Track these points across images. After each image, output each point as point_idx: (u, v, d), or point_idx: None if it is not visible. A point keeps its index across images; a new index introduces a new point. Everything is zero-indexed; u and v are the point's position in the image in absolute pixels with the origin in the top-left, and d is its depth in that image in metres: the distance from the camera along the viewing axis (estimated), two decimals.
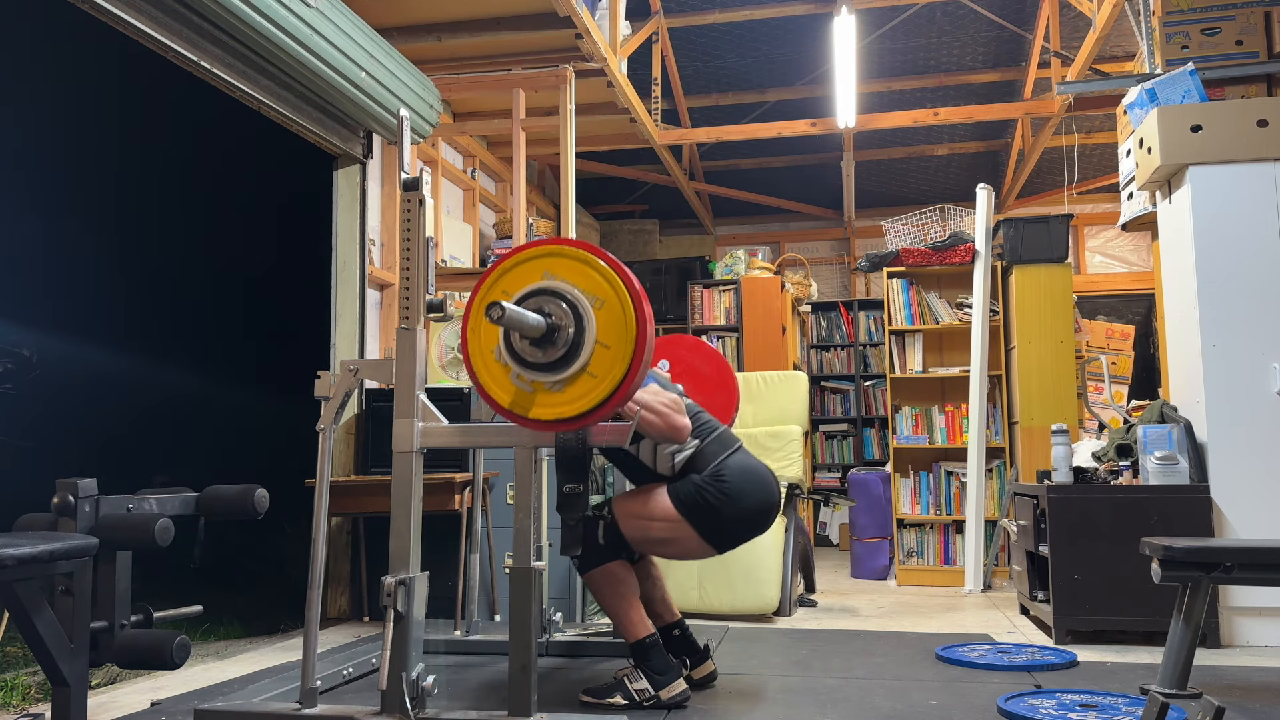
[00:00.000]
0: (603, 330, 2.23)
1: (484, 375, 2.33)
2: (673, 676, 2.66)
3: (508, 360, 2.29)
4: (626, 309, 2.23)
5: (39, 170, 7.04)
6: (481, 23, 4.60)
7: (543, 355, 2.25)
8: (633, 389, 2.23)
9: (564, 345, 2.24)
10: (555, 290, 2.27)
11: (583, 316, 2.24)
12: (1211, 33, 3.94)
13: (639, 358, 2.21)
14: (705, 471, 2.73)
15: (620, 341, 2.22)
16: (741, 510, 2.71)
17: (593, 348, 2.23)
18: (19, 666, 3.57)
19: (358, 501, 3.96)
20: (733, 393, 3.45)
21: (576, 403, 2.24)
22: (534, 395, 2.27)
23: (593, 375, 2.23)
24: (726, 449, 2.80)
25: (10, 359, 6.45)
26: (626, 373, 2.21)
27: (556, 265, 2.30)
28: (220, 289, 8.37)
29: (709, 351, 3.50)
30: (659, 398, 2.68)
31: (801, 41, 6.07)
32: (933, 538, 5.29)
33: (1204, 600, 1.98)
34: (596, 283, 2.26)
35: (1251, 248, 3.53)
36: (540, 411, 2.26)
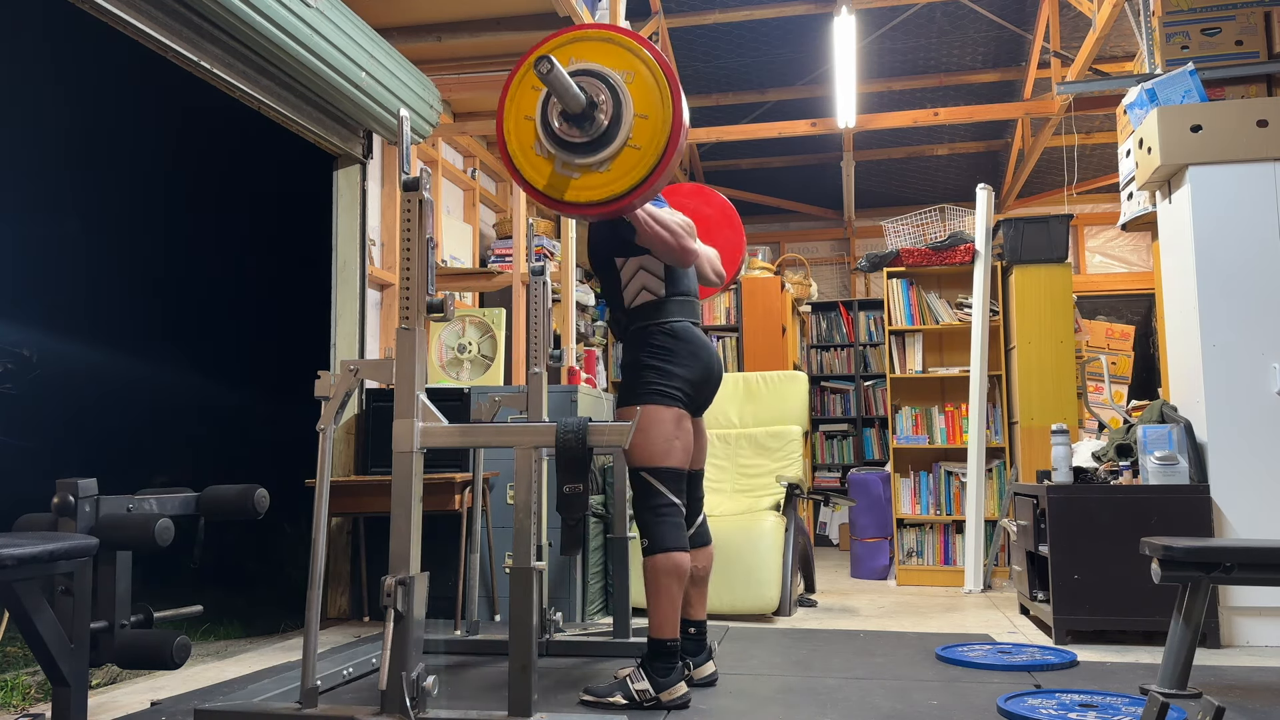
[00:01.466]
0: (639, 101, 2.25)
1: (529, 172, 2.34)
2: (675, 680, 2.66)
3: (550, 149, 2.30)
4: (659, 78, 2.25)
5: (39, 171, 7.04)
6: (481, 23, 4.60)
7: (584, 134, 2.26)
8: (676, 157, 2.25)
9: (604, 120, 2.25)
10: (587, 69, 2.28)
11: (618, 90, 2.26)
12: (1211, 33, 3.94)
13: (678, 123, 2.22)
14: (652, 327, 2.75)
15: (657, 111, 2.24)
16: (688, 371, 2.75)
17: (632, 119, 2.25)
18: (19, 666, 3.57)
19: (358, 501, 3.96)
20: (738, 230, 3.45)
21: (624, 178, 2.26)
22: (581, 179, 2.27)
23: (636, 147, 2.24)
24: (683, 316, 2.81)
25: (10, 359, 6.45)
26: (669, 140, 2.22)
27: (582, 50, 2.32)
28: (220, 289, 8.37)
29: (709, 193, 3.51)
30: (675, 217, 2.70)
31: (801, 41, 6.07)
32: (933, 538, 5.29)
33: (1204, 600, 1.98)
34: (624, 58, 2.28)
35: (1251, 248, 3.54)
36: (591, 194, 2.27)
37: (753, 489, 4.65)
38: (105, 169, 7.54)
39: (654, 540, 2.69)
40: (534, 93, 2.32)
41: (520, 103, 2.37)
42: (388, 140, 4.63)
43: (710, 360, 2.83)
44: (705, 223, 3.46)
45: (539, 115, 2.32)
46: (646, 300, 2.79)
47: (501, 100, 2.39)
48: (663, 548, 2.68)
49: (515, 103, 2.37)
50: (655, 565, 2.68)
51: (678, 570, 2.68)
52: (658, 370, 2.74)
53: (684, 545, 2.70)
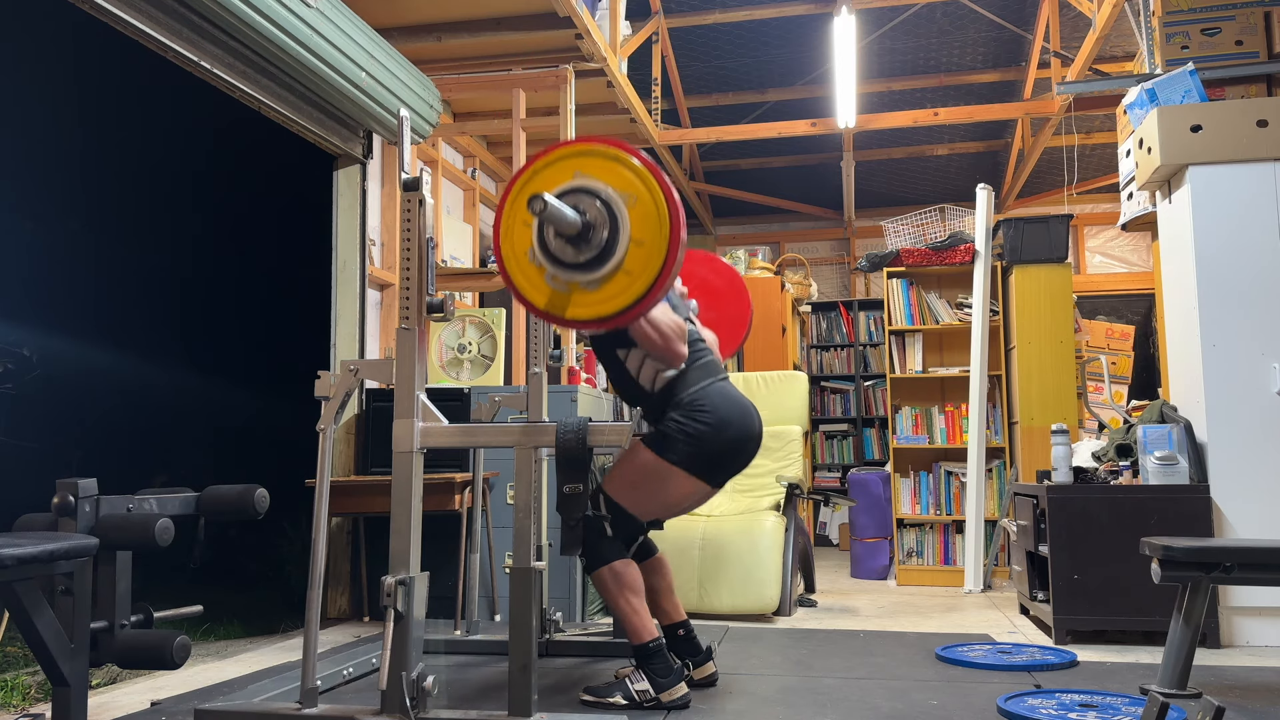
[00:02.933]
0: (637, 227, 2.22)
1: (519, 278, 2.31)
2: (674, 680, 2.66)
3: (542, 261, 2.27)
4: (660, 205, 2.21)
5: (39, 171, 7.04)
6: (481, 23, 4.60)
7: (578, 254, 2.23)
8: (668, 285, 2.22)
9: (599, 243, 2.22)
10: (588, 188, 2.26)
11: (617, 214, 2.23)
12: (1211, 33, 3.94)
13: (673, 254, 2.20)
14: (684, 400, 2.71)
15: (654, 238, 2.21)
16: (725, 440, 2.69)
17: (628, 244, 2.22)
18: (19, 666, 3.57)
19: (358, 501, 3.96)
20: (745, 303, 3.43)
21: (613, 300, 2.23)
22: (570, 295, 2.25)
23: (628, 273, 2.21)
24: (710, 376, 2.78)
25: (10, 359, 6.45)
26: (661, 269, 2.19)
27: (588, 164, 2.29)
28: (220, 288, 8.36)
29: (720, 264, 3.49)
30: (666, 318, 2.67)
31: (801, 41, 6.07)
32: (933, 538, 5.29)
33: (1204, 600, 1.98)
34: (628, 180, 2.25)
35: (1251, 248, 3.53)
36: (577, 311, 2.25)
37: (753, 489, 4.65)
38: (105, 169, 7.54)
39: (591, 557, 2.71)
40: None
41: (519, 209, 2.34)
42: (388, 140, 4.63)
43: (748, 423, 2.75)
44: (711, 293, 3.44)
45: (535, 226, 2.30)
46: (667, 379, 2.75)
47: (500, 204, 2.38)
48: (602, 561, 2.69)
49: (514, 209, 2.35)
50: (602, 579, 2.70)
51: (624, 578, 2.69)
52: (691, 438, 2.68)
53: (622, 555, 2.72)
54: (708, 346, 2.91)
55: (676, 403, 2.72)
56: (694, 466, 2.68)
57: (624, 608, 2.70)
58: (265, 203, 7.95)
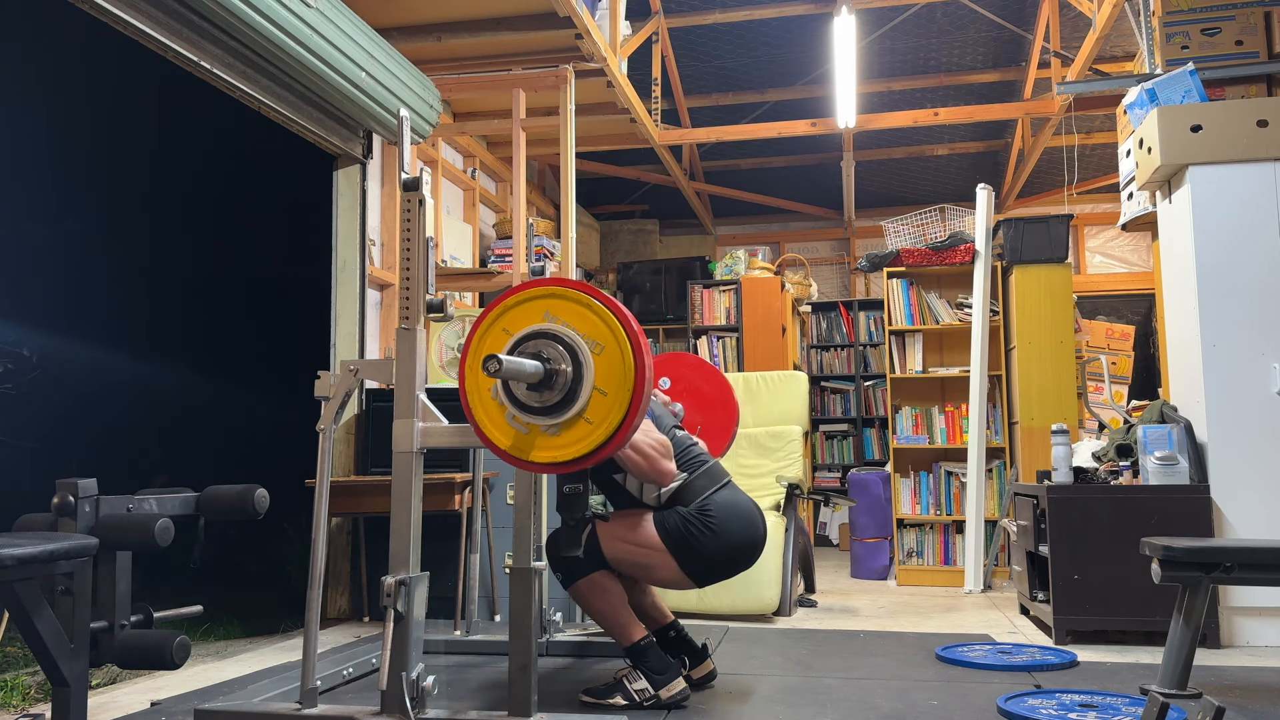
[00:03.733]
0: (601, 376, 2.20)
1: (481, 415, 2.30)
2: (672, 675, 2.67)
3: (504, 401, 2.26)
4: (626, 356, 2.19)
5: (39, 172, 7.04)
6: (481, 23, 4.60)
7: (539, 399, 2.21)
8: (628, 435, 2.21)
9: (561, 390, 2.20)
10: (554, 334, 2.23)
11: (581, 362, 2.20)
12: (1211, 33, 3.94)
13: (635, 406, 2.18)
14: (691, 505, 2.73)
15: (618, 388, 2.18)
16: (724, 546, 2.72)
17: (590, 394, 2.19)
18: (19, 666, 3.58)
19: (358, 501, 3.96)
20: (732, 412, 3.46)
21: (572, 447, 2.21)
22: (531, 438, 2.24)
23: (589, 421, 2.19)
24: (714, 483, 2.80)
25: (10, 359, 6.45)
26: (622, 421, 2.17)
27: (558, 307, 2.27)
28: (220, 289, 8.37)
29: (709, 370, 3.51)
30: (648, 437, 2.69)
31: (801, 41, 6.07)
32: (933, 538, 5.29)
33: (1204, 600, 1.98)
34: (596, 327, 2.23)
35: (1251, 248, 3.53)
36: (540, 455, 2.24)
37: (753, 489, 4.65)
38: (105, 169, 7.54)
39: (566, 573, 2.73)
40: (505, 336, 2.29)
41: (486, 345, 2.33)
42: (388, 140, 4.63)
43: (752, 532, 2.78)
44: (699, 399, 3.46)
45: None
46: (672, 490, 2.77)
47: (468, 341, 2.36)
48: (579, 575, 2.72)
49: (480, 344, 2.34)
50: (580, 592, 2.72)
51: (600, 586, 2.71)
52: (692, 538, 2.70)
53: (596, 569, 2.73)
54: (705, 450, 2.93)
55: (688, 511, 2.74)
56: (686, 563, 2.71)
57: (606, 612, 2.71)
58: (265, 202, 7.96)
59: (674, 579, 2.75)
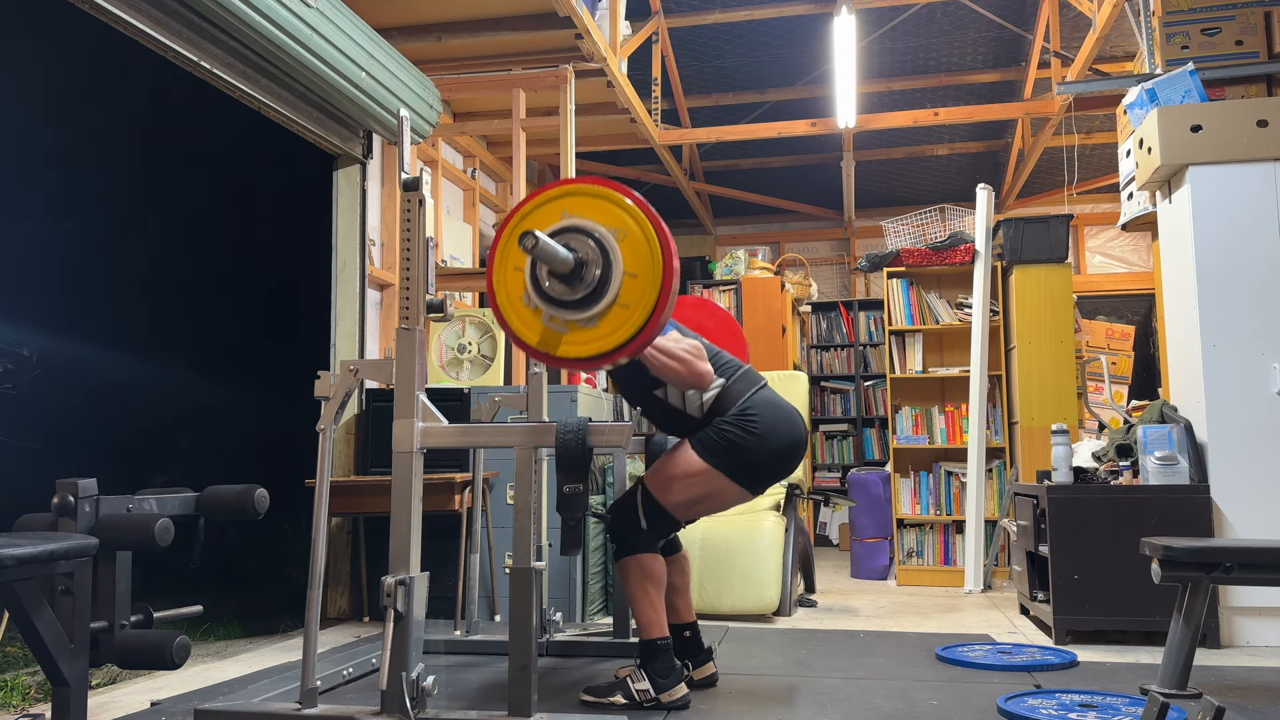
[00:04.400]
0: (629, 260, 2.24)
1: (518, 324, 2.32)
2: (675, 680, 2.66)
3: (538, 303, 2.28)
4: (650, 237, 2.23)
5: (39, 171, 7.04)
6: (481, 23, 4.60)
7: (572, 292, 2.24)
8: (664, 316, 2.23)
9: (592, 280, 2.24)
10: (578, 227, 2.27)
11: (608, 249, 2.24)
12: (1211, 33, 3.94)
13: (668, 284, 2.21)
14: (732, 410, 2.71)
15: (647, 270, 2.22)
16: (772, 448, 2.69)
17: (621, 279, 2.23)
18: (19, 666, 3.57)
19: (358, 501, 3.96)
20: (742, 344, 3.44)
21: (614, 335, 2.24)
22: (571, 334, 2.26)
23: (624, 306, 2.23)
24: (753, 386, 2.77)
25: (10, 359, 6.45)
26: (658, 300, 2.21)
27: (575, 204, 2.31)
28: (220, 288, 8.36)
29: (713, 307, 3.49)
30: (680, 344, 2.68)
31: (801, 41, 6.07)
32: (933, 538, 5.29)
33: (1204, 600, 1.98)
34: (616, 216, 2.27)
35: (1251, 248, 3.53)
36: (580, 350, 2.26)
37: None
38: (105, 169, 7.54)
39: (621, 544, 2.72)
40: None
41: (510, 254, 2.36)
42: (388, 140, 4.63)
43: (795, 431, 2.75)
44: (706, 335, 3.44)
45: (528, 269, 2.32)
46: (713, 398, 2.75)
47: (491, 252, 2.39)
48: (630, 551, 2.71)
49: (505, 254, 2.36)
50: (627, 569, 2.71)
51: (648, 571, 2.70)
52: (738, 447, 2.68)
53: (651, 549, 2.72)
54: (735, 357, 2.91)
55: (728, 417, 2.72)
56: (737, 473, 2.69)
57: (642, 600, 2.69)
58: (265, 202, 7.95)
59: (732, 495, 2.72)
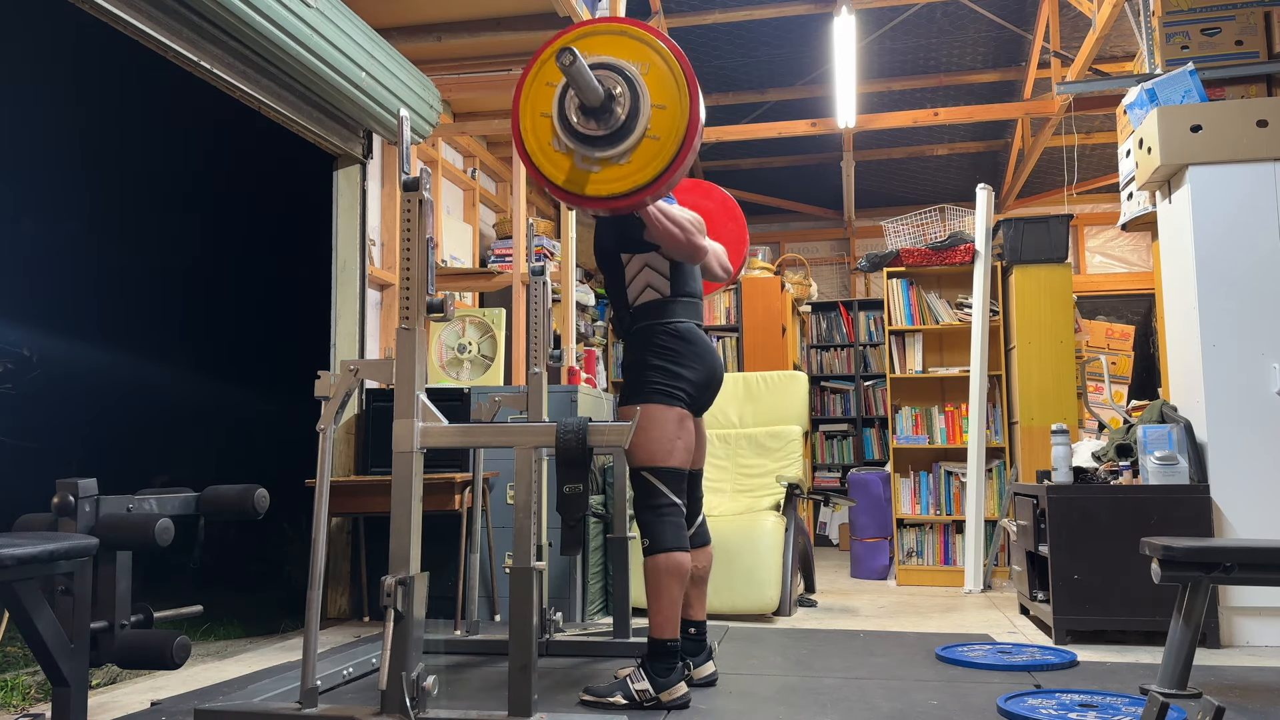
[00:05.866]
0: (655, 92, 2.24)
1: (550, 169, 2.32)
2: (675, 680, 2.66)
3: (569, 143, 2.28)
4: (674, 68, 2.24)
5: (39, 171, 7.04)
6: (481, 23, 4.60)
7: (603, 127, 2.25)
8: (695, 143, 2.24)
9: (621, 115, 2.24)
10: (602, 63, 2.27)
11: (634, 81, 2.25)
12: (1211, 33, 3.94)
13: (695, 111, 2.22)
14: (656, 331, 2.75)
15: (674, 100, 2.23)
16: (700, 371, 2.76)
17: (650, 110, 2.24)
18: (19, 666, 3.57)
19: (358, 501, 3.96)
20: (741, 223, 3.43)
21: (645, 169, 2.24)
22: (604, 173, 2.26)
23: (655, 137, 2.23)
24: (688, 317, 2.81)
25: (10, 359, 6.45)
26: (687, 129, 2.21)
27: (595, 44, 2.31)
28: (219, 288, 8.36)
29: (710, 187, 3.48)
30: (686, 213, 2.69)
31: (801, 41, 6.07)
32: (933, 538, 5.29)
33: (1204, 600, 1.98)
34: (638, 49, 2.27)
35: (1251, 247, 3.54)
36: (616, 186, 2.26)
37: (753, 489, 4.65)
38: (104, 169, 7.54)
39: (655, 540, 2.70)
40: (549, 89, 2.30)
41: (535, 100, 2.35)
42: (388, 140, 4.63)
43: (714, 363, 2.84)
44: (707, 216, 3.43)
45: (556, 111, 2.30)
46: (651, 299, 2.79)
47: (516, 98, 2.38)
48: (664, 547, 2.68)
49: (530, 100, 2.36)
50: (656, 565, 2.69)
51: (679, 570, 2.68)
52: (662, 370, 2.74)
53: (685, 545, 2.71)
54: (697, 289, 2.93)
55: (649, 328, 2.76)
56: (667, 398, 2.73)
57: (664, 597, 2.68)
58: (265, 202, 7.95)
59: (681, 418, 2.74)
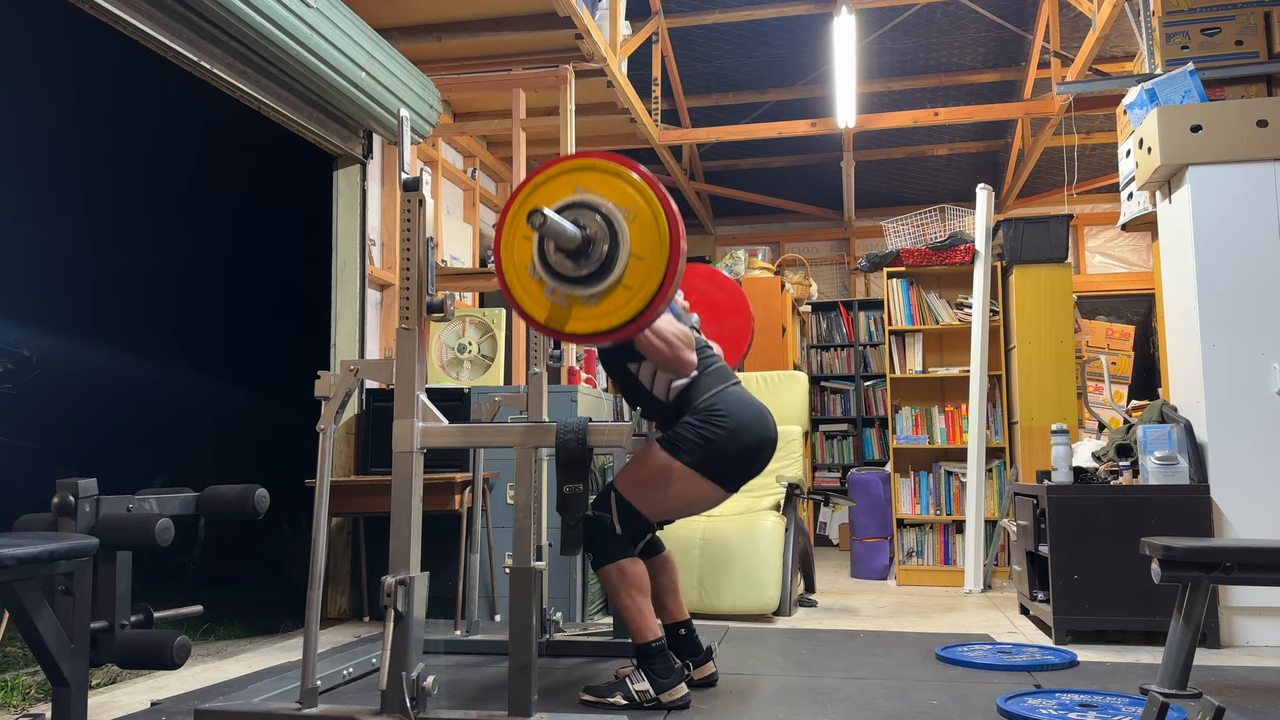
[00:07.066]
0: (636, 242, 2.22)
1: (519, 292, 2.32)
2: (675, 680, 2.66)
3: (543, 275, 2.27)
4: (660, 221, 2.22)
5: (39, 171, 7.04)
6: (481, 23, 4.60)
7: (578, 268, 2.23)
8: (668, 300, 2.22)
9: (599, 257, 2.22)
10: (589, 203, 2.26)
11: (617, 229, 2.23)
12: (1211, 33, 3.94)
13: (673, 269, 2.20)
14: (700, 405, 2.71)
15: (654, 253, 2.21)
16: (741, 444, 2.69)
17: (627, 259, 2.22)
18: (19, 666, 3.57)
19: (358, 501, 3.96)
20: (747, 318, 3.44)
21: (613, 315, 2.23)
22: (570, 310, 2.25)
23: (628, 287, 2.21)
24: (723, 382, 2.78)
25: (10, 359, 6.45)
26: (661, 284, 2.20)
27: (589, 179, 2.29)
28: (219, 288, 8.36)
29: (723, 279, 3.49)
30: (672, 327, 2.68)
31: (801, 41, 6.07)
32: (933, 538, 5.29)
33: (1204, 600, 1.98)
34: (629, 195, 2.25)
35: (1251, 248, 3.53)
36: (577, 325, 2.25)
37: (753, 489, 4.65)
38: (104, 169, 7.54)
39: (598, 553, 2.71)
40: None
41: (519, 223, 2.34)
42: (388, 140, 4.63)
43: (764, 427, 2.76)
44: (713, 307, 3.45)
45: (536, 240, 2.31)
46: (681, 386, 2.76)
47: (501, 219, 2.38)
48: (607, 559, 2.70)
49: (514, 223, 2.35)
50: (609, 576, 2.70)
51: (632, 575, 2.69)
52: (707, 442, 2.68)
53: (628, 554, 2.72)
54: (716, 353, 2.92)
55: (693, 409, 2.73)
56: (708, 470, 2.69)
57: (628, 605, 2.69)
58: (265, 202, 7.95)
59: (707, 494, 2.72)
